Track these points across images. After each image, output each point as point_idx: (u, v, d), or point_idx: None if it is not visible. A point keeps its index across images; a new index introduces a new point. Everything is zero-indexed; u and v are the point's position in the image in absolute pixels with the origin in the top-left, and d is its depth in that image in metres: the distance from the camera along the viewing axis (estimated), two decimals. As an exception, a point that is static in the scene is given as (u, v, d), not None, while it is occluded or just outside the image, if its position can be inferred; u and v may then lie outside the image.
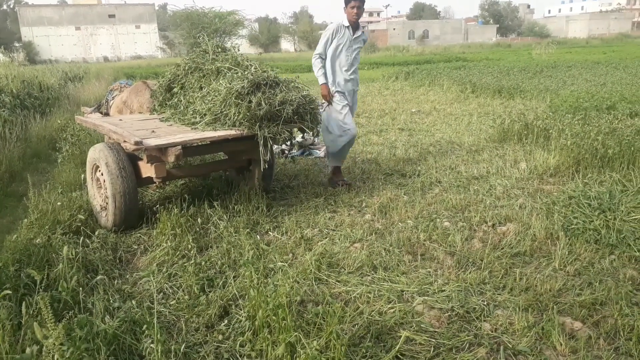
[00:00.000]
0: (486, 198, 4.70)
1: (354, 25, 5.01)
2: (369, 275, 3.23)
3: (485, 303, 2.86)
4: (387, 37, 70.49)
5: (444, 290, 3.01)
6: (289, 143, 5.24)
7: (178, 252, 3.59)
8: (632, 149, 5.29)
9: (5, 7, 77.67)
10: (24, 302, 2.50)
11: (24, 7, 66.79)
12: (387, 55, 40.51)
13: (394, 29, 76.30)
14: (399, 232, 3.88)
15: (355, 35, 5.04)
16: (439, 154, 6.54)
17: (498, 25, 78.22)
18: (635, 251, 3.35)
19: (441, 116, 9.71)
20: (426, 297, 2.93)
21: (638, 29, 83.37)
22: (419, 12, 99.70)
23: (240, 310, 2.82)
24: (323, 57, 5.04)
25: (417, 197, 4.72)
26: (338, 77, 5.06)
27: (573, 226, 3.74)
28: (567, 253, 3.41)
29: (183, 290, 3.08)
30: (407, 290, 3.02)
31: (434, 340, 2.53)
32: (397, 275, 3.20)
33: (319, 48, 5.05)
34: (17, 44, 60.17)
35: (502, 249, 3.58)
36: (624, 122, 6.88)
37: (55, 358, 2.02)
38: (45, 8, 64.77)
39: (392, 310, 2.78)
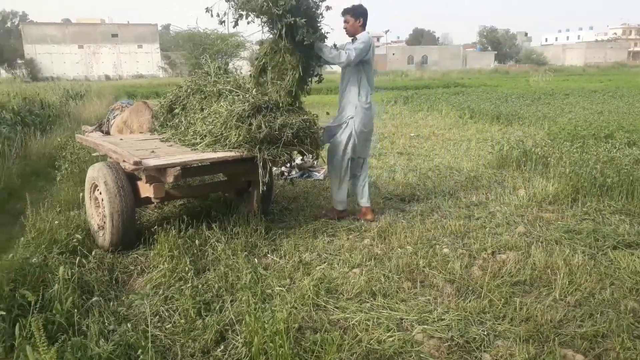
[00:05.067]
0: (486, 225, 4.68)
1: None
2: (367, 302, 3.19)
3: (485, 333, 2.83)
4: (387, 62, 71.34)
5: (444, 319, 2.98)
6: (288, 165, 5.25)
7: (175, 274, 3.55)
8: (631, 178, 5.31)
9: (9, 24, 78.54)
10: (17, 324, 2.45)
11: (28, 24, 67.61)
12: (387, 79, 40.86)
13: (393, 54, 77.30)
14: (398, 257, 3.85)
15: None
16: (437, 179, 6.54)
17: (496, 52, 79.24)
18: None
19: (440, 141, 9.75)
20: (426, 326, 2.90)
21: (634, 59, 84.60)
22: (418, 38, 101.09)
23: (237, 335, 2.77)
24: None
25: (417, 223, 4.70)
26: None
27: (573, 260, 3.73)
28: (567, 283, 3.38)
29: (179, 314, 3.03)
30: (407, 319, 2.99)
31: (433, 370, 2.49)
32: (397, 303, 3.16)
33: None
34: (19, 61, 60.64)
35: (502, 277, 3.55)
36: (622, 151, 6.91)
37: (48, 383, 1.97)
38: (49, 26, 65.58)
39: (391, 339, 2.74)
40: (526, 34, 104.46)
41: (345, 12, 4.72)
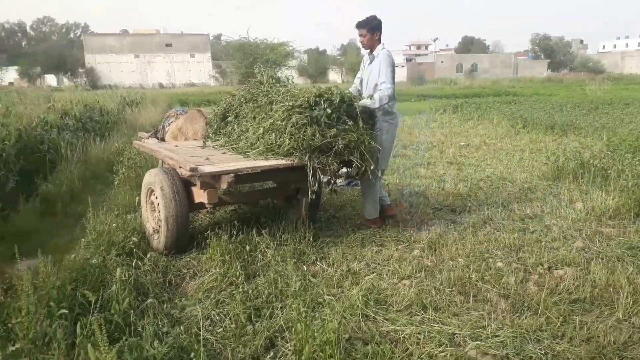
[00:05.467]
0: (541, 239, 4.52)
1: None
2: (418, 315, 3.13)
3: (542, 352, 2.71)
4: (435, 70, 70.44)
5: (498, 335, 2.88)
6: (336, 174, 5.24)
7: (226, 279, 3.61)
8: (701, 193, 4.99)
9: (72, 35, 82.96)
10: (78, 323, 2.56)
11: (89, 35, 71.26)
12: (435, 87, 40.37)
13: (442, 62, 76.20)
14: (450, 270, 3.76)
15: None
16: (490, 190, 6.38)
17: (549, 60, 76.72)
18: None
19: (491, 151, 9.51)
20: (479, 342, 2.81)
21: (701, 66, 79.76)
22: (467, 46, 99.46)
23: (287, 343, 2.79)
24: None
25: (468, 235, 4.58)
26: None
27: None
28: (631, 303, 3.20)
29: (230, 319, 3.08)
30: (459, 333, 2.91)
31: (488, 388, 2.41)
32: (448, 317, 3.09)
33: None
34: (80, 70, 63.89)
35: (560, 294, 3.40)
36: (690, 164, 6.50)
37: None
38: (108, 37, 68.89)
39: (443, 354, 2.68)
40: (582, 41, 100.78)
41: (360, 26, 4.71)
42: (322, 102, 4.06)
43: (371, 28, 4.67)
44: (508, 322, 3.05)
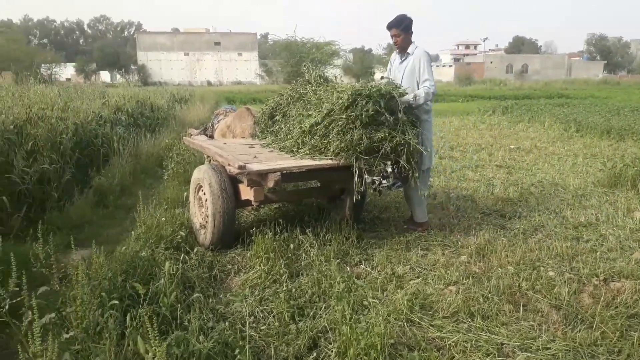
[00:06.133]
0: (596, 248, 4.31)
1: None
2: (465, 323, 3.04)
3: (598, 368, 2.58)
4: (484, 70, 68.82)
5: (550, 348, 2.76)
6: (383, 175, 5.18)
7: (270, 277, 3.63)
8: None
9: (126, 33, 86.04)
10: (128, 314, 2.63)
11: (142, 33, 73.64)
12: (484, 88, 39.43)
13: (491, 62, 74.40)
14: (498, 278, 3.64)
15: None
16: (541, 196, 6.15)
17: (605, 62, 73.44)
18: None
19: (542, 155, 9.18)
20: (529, 354, 2.70)
21: None
22: (518, 46, 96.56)
23: (330, 344, 2.77)
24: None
25: (519, 242, 4.43)
26: None
27: None
28: (697, 321, 3.01)
29: (274, 317, 3.09)
30: (508, 344, 2.81)
31: (538, 404, 2.31)
32: (497, 326, 2.99)
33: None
34: (133, 67, 66.19)
35: (617, 307, 3.23)
36: None
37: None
38: (160, 35, 70.99)
39: (491, 364, 2.59)
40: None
41: (393, 26, 4.64)
42: (361, 100, 3.99)
43: (404, 27, 4.62)
44: (560, 334, 2.92)
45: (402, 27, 4.61)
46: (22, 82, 9.12)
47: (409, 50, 4.65)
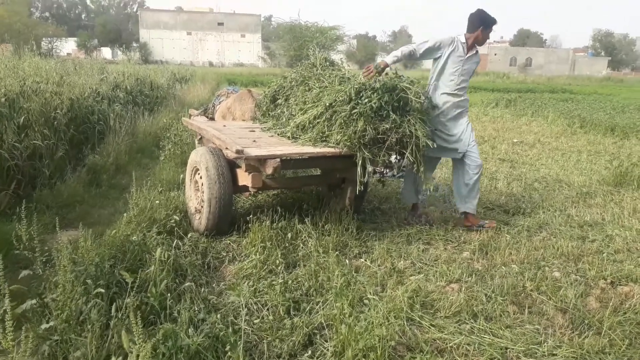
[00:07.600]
0: (602, 249, 4.18)
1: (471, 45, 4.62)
2: (467, 324, 2.91)
3: (607, 379, 2.46)
4: (487, 62, 68.24)
5: (556, 355, 2.64)
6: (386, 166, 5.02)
7: (265, 267, 3.50)
8: None
9: (128, 10, 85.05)
10: (114, 304, 2.48)
11: (145, 11, 72.71)
12: (486, 80, 39.12)
13: (495, 54, 73.75)
14: (502, 277, 3.52)
15: (468, 55, 4.58)
16: (545, 192, 6.01)
17: (610, 58, 72.87)
18: None
19: (546, 150, 9.03)
20: (534, 360, 2.58)
21: None
22: (523, 39, 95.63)
23: (326, 342, 2.63)
24: (414, 55, 4.57)
25: (522, 239, 4.30)
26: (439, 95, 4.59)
27: None
28: None
29: (268, 310, 2.96)
30: (512, 348, 2.68)
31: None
32: (500, 329, 2.86)
33: (420, 46, 4.58)
34: (134, 44, 65.45)
35: (625, 313, 3.10)
36: None
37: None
38: (163, 13, 70.08)
39: (494, 370, 2.47)
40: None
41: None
42: (366, 93, 3.83)
43: None
44: (566, 340, 2.80)
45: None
46: (21, 55, 8.87)
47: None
